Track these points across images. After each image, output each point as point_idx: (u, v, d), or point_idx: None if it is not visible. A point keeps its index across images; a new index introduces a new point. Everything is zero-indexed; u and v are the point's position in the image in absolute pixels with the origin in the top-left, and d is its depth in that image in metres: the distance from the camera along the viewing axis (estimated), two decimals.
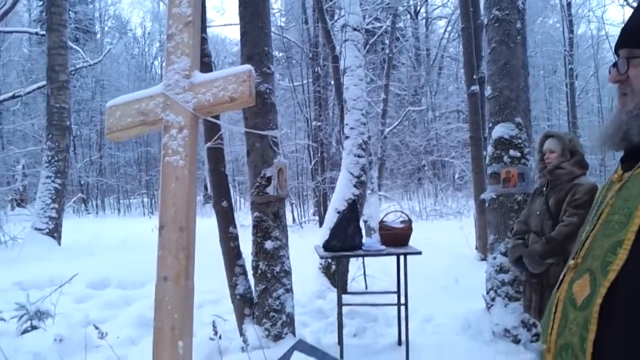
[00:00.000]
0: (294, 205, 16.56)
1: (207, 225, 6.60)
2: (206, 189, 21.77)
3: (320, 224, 14.39)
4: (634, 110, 1.04)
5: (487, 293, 4.91)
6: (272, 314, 4.26)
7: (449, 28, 22.55)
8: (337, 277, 4.79)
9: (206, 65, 3.93)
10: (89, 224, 15.36)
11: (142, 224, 14.72)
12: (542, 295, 3.55)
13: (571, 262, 1.12)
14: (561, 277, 1.15)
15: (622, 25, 1.13)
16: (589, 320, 0.98)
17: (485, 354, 4.48)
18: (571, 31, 20.78)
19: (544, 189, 3.59)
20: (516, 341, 4.57)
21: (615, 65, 1.11)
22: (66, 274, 5.89)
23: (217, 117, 4.10)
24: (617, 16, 41.01)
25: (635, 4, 12.21)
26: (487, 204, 5.04)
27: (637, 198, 0.99)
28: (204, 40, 3.97)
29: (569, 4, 20.73)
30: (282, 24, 19.53)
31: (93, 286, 6.24)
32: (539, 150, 3.67)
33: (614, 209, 1.05)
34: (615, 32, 25.51)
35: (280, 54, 19.69)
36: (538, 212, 3.57)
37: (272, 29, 5.22)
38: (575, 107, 20.57)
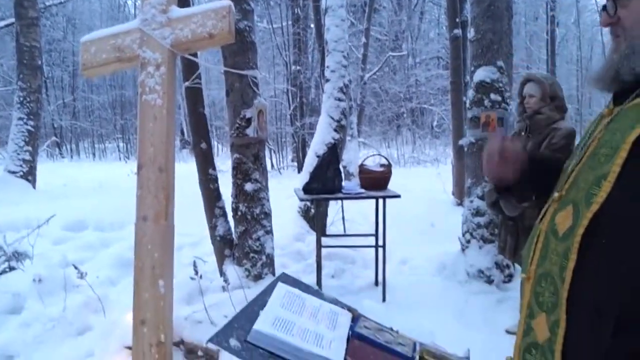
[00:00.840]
0: (272, 151, 16.49)
1: (184, 170, 6.54)
2: (182, 133, 21.49)
3: (299, 170, 14.40)
4: (626, 49, 1.03)
5: (463, 235, 5.02)
6: (252, 254, 4.30)
7: None
8: (316, 220, 4.83)
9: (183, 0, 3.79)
10: (63, 168, 15.14)
11: (118, 169, 14.57)
12: (517, 237, 3.63)
13: (555, 194, 1.12)
14: (544, 208, 1.15)
15: None
16: (570, 250, 0.99)
17: (459, 294, 4.62)
18: None
19: (523, 133, 3.61)
20: (489, 281, 4.71)
21: (604, 8, 1.08)
22: (42, 217, 5.83)
23: (195, 55, 3.99)
24: None
25: None
26: (465, 149, 5.07)
27: (625, 131, 0.99)
28: None
29: None
30: None
31: (70, 228, 6.19)
32: (519, 94, 3.66)
33: (602, 143, 1.05)
34: None
35: None
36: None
37: None
38: (555, 55, 20.53)
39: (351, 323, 1.51)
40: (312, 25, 14.23)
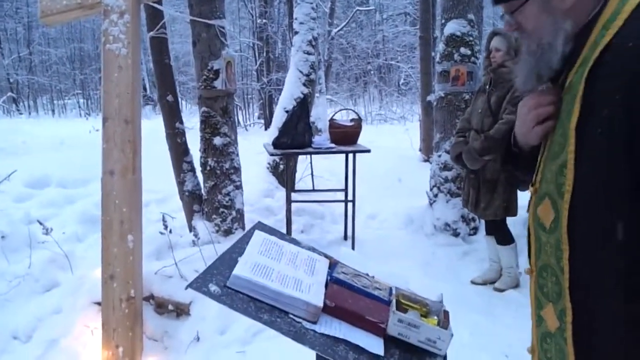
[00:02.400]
0: (238, 108, 16.25)
1: (148, 126, 6.40)
2: (145, 89, 20.91)
3: (266, 127, 14.27)
4: (537, 50, 1.08)
5: (431, 190, 5.09)
6: (221, 209, 4.27)
7: None
8: (286, 175, 4.81)
9: None
10: (22, 125, 14.60)
11: (79, 125, 14.16)
12: (478, 190, 3.71)
13: (531, 187, 1.16)
14: (528, 201, 1.19)
15: None
16: (561, 241, 1.03)
17: (426, 246, 4.72)
18: None
19: (487, 87, 3.64)
20: (455, 234, 4.82)
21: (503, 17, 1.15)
22: (2, 173, 5.65)
23: (159, 3, 3.84)
24: None
25: None
26: (435, 103, 5.08)
27: (567, 116, 1.01)
28: None
29: None
30: None
31: (32, 185, 6.01)
32: (486, 48, 3.69)
33: (555, 129, 1.07)
34: None
35: None
36: (480, 110, 3.64)
37: None
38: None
39: (329, 269, 1.52)
40: None
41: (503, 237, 3.80)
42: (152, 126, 6.99)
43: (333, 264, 1.57)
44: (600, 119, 0.94)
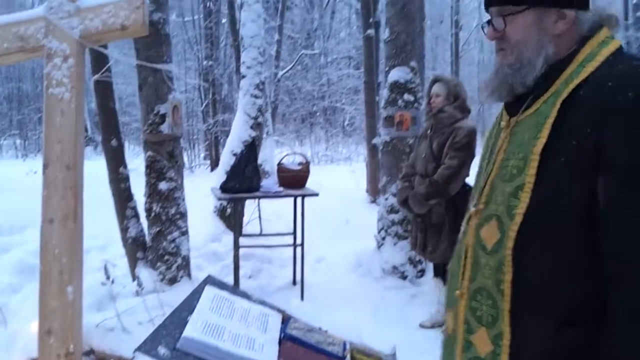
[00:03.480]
0: (183, 149, 16.03)
1: (89, 168, 6.19)
2: (86, 130, 20.36)
3: (212, 168, 14.12)
4: (515, 63, 1.10)
5: (378, 232, 5.12)
6: (167, 257, 4.14)
7: None
8: (234, 219, 4.74)
9: None
10: None
11: (16, 167, 13.57)
12: (425, 233, 3.77)
13: (472, 209, 1.16)
14: (464, 224, 1.19)
15: None
16: (503, 263, 1.03)
17: (375, 290, 4.72)
18: None
19: (429, 132, 3.75)
20: (403, 277, 4.85)
21: (489, 23, 1.15)
22: None
23: (104, 47, 3.77)
24: None
25: None
26: (380, 147, 5.18)
27: (529, 141, 1.05)
28: None
29: None
30: None
31: None
32: (427, 93, 3.83)
33: (508, 154, 1.10)
34: None
35: None
36: (423, 155, 3.73)
37: None
38: (459, 58, 21.53)
39: (281, 325, 1.48)
40: (225, 20, 14.01)
41: None
42: (94, 168, 6.77)
43: (286, 319, 1.53)
44: (567, 147, 0.98)
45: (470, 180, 3.60)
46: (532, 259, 1.00)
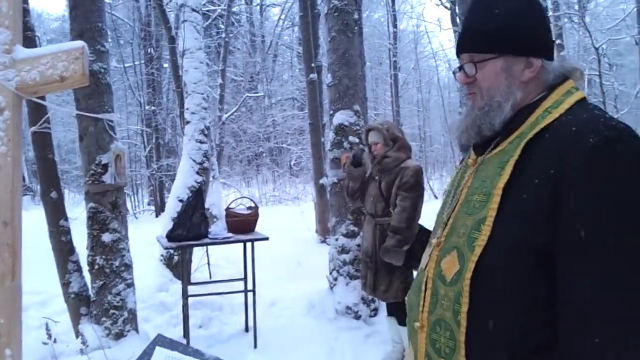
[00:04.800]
0: (126, 195, 15.63)
1: (27, 219, 5.92)
2: (23, 179, 19.56)
3: (157, 214, 13.81)
4: (484, 107, 1.15)
5: (330, 273, 5.11)
6: (112, 311, 3.97)
7: (283, 16, 22.89)
8: (182, 267, 4.62)
9: (29, 39, 3.49)
10: None
11: None
12: (376, 273, 3.78)
13: (434, 241, 1.19)
14: (426, 256, 1.21)
15: (457, 29, 1.23)
16: (461, 294, 1.05)
17: (329, 331, 4.67)
18: (395, 25, 22.30)
19: (376, 177, 3.82)
20: (357, 317, 4.83)
21: (461, 69, 1.20)
22: None
23: (42, 97, 3.68)
24: (434, 14, 45.01)
25: (448, 4, 13.48)
26: (328, 188, 5.22)
27: (493, 177, 1.09)
28: (26, 12, 3.52)
29: (392, 0, 22.23)
30: (110, 1, 18.19)
31: None
32: (365, 143, 3.91)
33: (472, 190, 1.14)
34: (432, 28, 27.97)
35: (108, 33, 18.32)
36: (372, 197, 3.79)
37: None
38: (399, 97, 22.19)
39: None
40: (167, 65, 13.95)
41: (404, 317, 3.84)
42: (32, 219, 6.49)
43: None
44: (529, 185, 1.01)
45: (423, 220, 3.67)
46: (488, 292, 1.03)
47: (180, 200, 5.40)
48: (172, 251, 5.84)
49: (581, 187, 0.96)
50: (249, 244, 4.54)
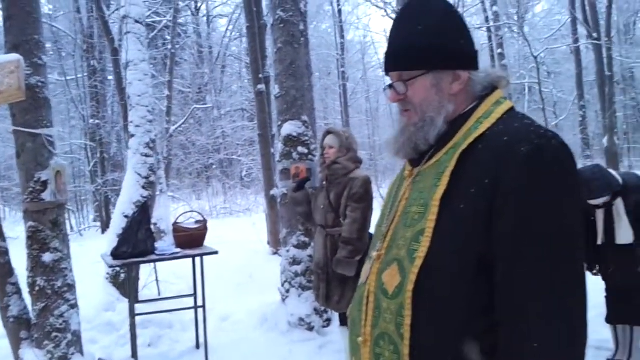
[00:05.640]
0: (71, 212, 15.11)
1: None
2: None
3: (103, 230, 13.42)
4: (419, 123, 1.17)
5: (282, 285, 5.08)
6: (55, 334, 3.80)
7: (231, 27, 22.78)
8: (128, 285, 4.49)
9: None
10: None
11: None
12: (328, 284, 3.76)
13: (374, 254, 1.19)
14: (367, 270, 1.20)
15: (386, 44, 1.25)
16: (403, 307, 1.05)
17: (282, 344, 4.63)
18: (342, 37, 22.58)
19: (325, 183, 3.81)
20: (310, 328, 4.81)
21: (391, 86, 1.22)
22: None
23: None
24: (380, 25, 45.81)
25: (394, 15, 13.73)
26: (278, 200, 5.20)
27: (430, 189, 1.10)
28: None
29: (339, 11, 22.49)
30: (50, 12, 17.65)
31: None
32: (320, 146, 3.91)
33: (410, 201, 1.15)
34: (378, 39, 28.52)
35: (49, 45, 17.75)
36: (322, 207, 3.77)
37: None
38: (348, 107, 22.43)
39: None
40: (111, 77, 13.62)
41: None
42: None
43: None
44: (465, 195, 1.03)
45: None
46: (431, 303, 1.03)
47: (126, 216, 5.25)
48: (118, 269, 5.67)
49: (515, 196, 0.99)
50: (198, 259, 4.46)
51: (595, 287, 3.84)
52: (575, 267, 1.00)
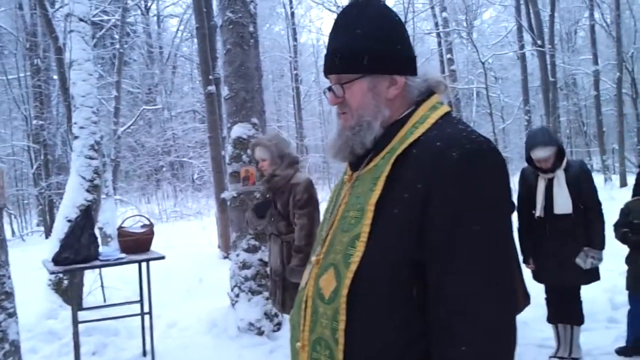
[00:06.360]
0: (12, 216, 14.51)
1: None
2: None
3: (47, 235, 12.96)
4: (355, 127, 1.17)
5: (232, 290, 5.01)
6: None
7: (182, 27, 22.44)
8: (70, 292, 4.33)
9: None
10: None
11: None
12: (284, 290, 3.74)
13: (313, 258, 1.18)
14: (307, 274, 1.20)
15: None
16: (338, 312, 1.05)
17: (232, 350, 4.57)
18: (295, 39, 22.61)
19: (268, 195, 3.75)
20: (260, 333, 4.76)
21: (330, 89, 1.22)
22: None
23: None
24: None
25: None
26: (228, 203, 5.13)
27: (367, 194, 1.11)
28: None
29: (292, 14, 22.51)
30: None
31: None
32: (252, 158, 3.80)
33: (348, 206, 1.15)
34: None
35: None
36: (272, 218, 3.72)
37: None
38: (301, 109, 22.47)
39: None
40: (56, 77, 13.17)
41: None
42: None
43: None
44: (399, 200, 1.03)
45: None
46: (365, 308, 1.03)
47: (69, 221, 5.07)
48: (61, 275, 5.47)
49: (446, 200, 1.00)
50: (144, 264, 4.35)
51: (538, 288, 3.99)
52: (503, 272, 1.02)
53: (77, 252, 3.97)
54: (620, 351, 3.89)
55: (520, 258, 3.86)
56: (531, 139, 3.71)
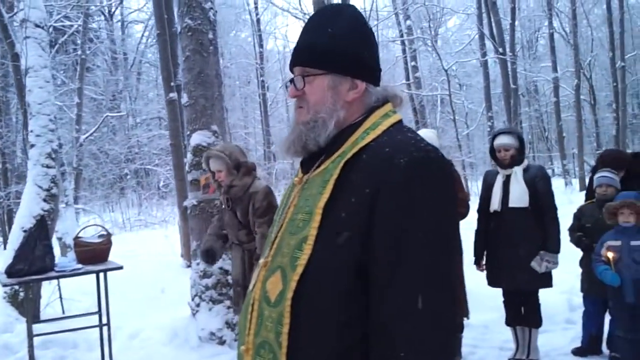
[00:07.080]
0: None
1: None
2: None
3: (5, 246, 12.58)
4: (310, 122, 1.18)
5: (192, 299, 4.96)
6: None
7: (146, 33, 22.18)
8: (26, 305, 4.22)
9: None
10: None
11: None
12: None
13: (261, 261, 1.19)
14: (255, 277, 1.20)
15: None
16: (283, 315, 1.05)
17: None
18: (261, 46, 22.58)
19: (227, 206, 3.70)
20: (221, 342, 4.73)
21: (292, 81, 1.23)
22: None
23: None
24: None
25: None
26: (189, 211, 5.09)
27: (316, 197, 1.12)
28: None
29: (258, 20, 22.48)
30: None
31: None
32: (207, 169, 3.72)
33: (297, 208, 1.16)
34: None
35: None
36: (232, 228, 3.69)
37: None
38: (268, 116, 22.42)
39: None
40: (13, 83, 12.84)
41: None
42: None
43: None
44: (347, 204, 1.05)
45: None
46: (309, 311, 1.04)
47: (25, 231, 4.95)
48: (17, 287, 5.33)
49: (391, 206, 1.02)
50: (102, 275, 4.27)
51: (496, 291, 4.07)
52: (446, 278, 1.04)
53: (31, 264, 3.89)
54: (576, 352, 4.00)
55: (472, 260, 3.93)
56: (496, 130, 3.97)
